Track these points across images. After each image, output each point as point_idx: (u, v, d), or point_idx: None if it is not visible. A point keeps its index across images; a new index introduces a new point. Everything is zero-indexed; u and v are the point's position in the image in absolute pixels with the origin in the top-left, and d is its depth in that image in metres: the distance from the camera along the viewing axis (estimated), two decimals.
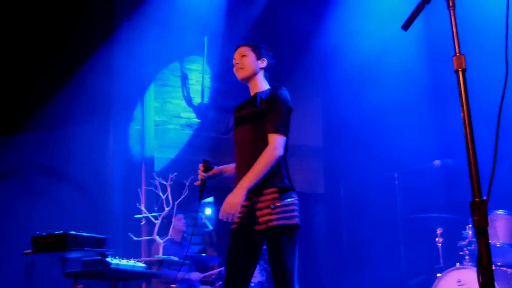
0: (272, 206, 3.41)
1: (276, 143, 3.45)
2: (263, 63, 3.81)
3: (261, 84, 3.77)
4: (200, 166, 3.77)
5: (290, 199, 3.46)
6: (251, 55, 3.81)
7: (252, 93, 3.77)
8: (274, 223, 3.38)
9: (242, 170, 3.49)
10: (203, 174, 3.76)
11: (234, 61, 3.84)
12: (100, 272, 4.52)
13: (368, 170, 8.07)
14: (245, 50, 3.85)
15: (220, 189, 9.02)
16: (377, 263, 7.50)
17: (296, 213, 3.45)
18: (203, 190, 3.77)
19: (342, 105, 8.60)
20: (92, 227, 7.01)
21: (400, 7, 6.71)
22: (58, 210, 7.03)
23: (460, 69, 2.12)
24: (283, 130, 3.51)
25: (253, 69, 3.80)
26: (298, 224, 3.44)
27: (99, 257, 4.53)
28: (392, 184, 6.78)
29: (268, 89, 3.71)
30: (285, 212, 3.42)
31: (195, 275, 6.74)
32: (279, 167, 3.50)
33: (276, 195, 3.44)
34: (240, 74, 3.82)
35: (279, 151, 3.45)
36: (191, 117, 8.83)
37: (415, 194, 6.92)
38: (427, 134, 6.95)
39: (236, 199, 3.32)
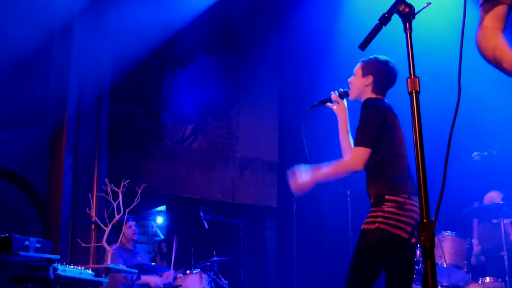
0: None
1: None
2: (368, 80, 3.65)
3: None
4: (340, 90, 3.81)
5: (376, 207, 3.55)
6: (359, 73, 3.69)
7: None
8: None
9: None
10: (336, 95, 3.81)
11: (349, 79, 3.77)
12: (46, 278, 4.42)
13: (321, 186, 8.10)
14: (357, 67, 3.73)
15: (173, 198, 8.98)
16: (326, 278, 7.53)
17: (379, 219, 3.48)
18: (323, 103, 3.99)
19: (299, 120, 8.63)
20: (40, 231, 6.88)
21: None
22: (4, 212, 6.87)
23: (414, 91, 2.14)
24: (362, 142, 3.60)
25: (358, 89, 3.71)
26: (380, 228, 3.45)
27: (46, 263, 4.43)
28: (344, 201, 6.84)
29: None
30: (369, 217, 3.55)
31: (155, 279, 6.58)
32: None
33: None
34: (350, 95, 3.76)
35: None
36: (147, 124, 8.75)
37: (366, 211, 6.97)
38: None
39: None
